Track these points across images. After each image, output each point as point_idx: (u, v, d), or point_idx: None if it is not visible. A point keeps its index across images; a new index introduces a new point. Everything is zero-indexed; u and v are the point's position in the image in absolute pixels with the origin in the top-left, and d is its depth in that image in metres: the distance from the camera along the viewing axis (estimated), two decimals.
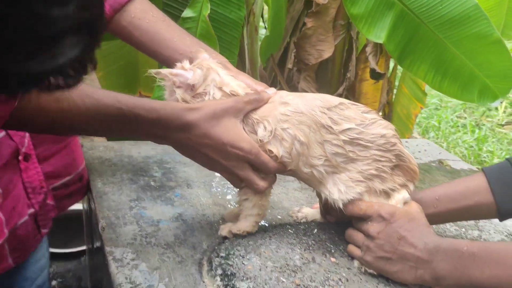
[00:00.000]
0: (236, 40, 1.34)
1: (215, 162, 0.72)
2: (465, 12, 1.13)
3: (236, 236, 0.78)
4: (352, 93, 2.20)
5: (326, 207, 0.81)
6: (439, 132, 4.33)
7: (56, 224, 1.67)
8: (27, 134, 0.79)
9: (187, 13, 1.20)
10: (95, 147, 1.07)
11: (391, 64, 2.21)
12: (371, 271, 0.73)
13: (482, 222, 0.97)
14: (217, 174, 1.01)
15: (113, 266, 0.70)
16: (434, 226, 0.93)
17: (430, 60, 1.19)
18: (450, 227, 0.94)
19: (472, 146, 3.93)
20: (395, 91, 2.24)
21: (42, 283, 0.93)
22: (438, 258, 0.67)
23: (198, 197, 0.94)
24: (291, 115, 0.72)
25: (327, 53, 1.90)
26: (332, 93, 2.13)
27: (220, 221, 0.85)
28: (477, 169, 1.33)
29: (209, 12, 1.16)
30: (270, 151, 0.73)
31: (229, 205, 0.92)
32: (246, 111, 0.73)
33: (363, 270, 0.74)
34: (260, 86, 0.77)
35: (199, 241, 0.79)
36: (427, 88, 2.13)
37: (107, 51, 1.63)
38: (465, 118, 4.52)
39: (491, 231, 0.94)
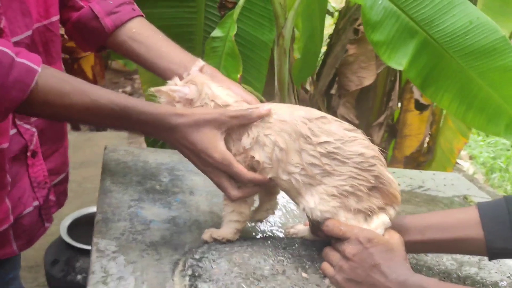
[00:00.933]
0: (265, 61, 1.39)
1: (195, 163, 0.78)
2: (491, 44, 1.09)
3: (216, 241, 0.81)
4: (393, 123, 2.17)
5: (314, 224, 0.82)
6: (506, 174, 4.06)
7: (85, 222, 1.79)
8: (36, 133, 0.88)
9: (216, 32, 1.27)
10: (117, 151, 1.16)
11: None
12: None
13: (486, 261, 0.92)
14: None
15: (94, 256, 0.76)
16: (429, 256, 0.90)
17: (455, 90, 1.16)
18: (447, 261, 0.90)
19: None
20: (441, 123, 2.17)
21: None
22: None
23: (197, 204, 0.98)
24: (274, 123, 0.76)
25: (368, 81, 1.90)
26: (372, 122, 2.11)
27: (212, 227, 0.89)
28: None
29: (235, 32, 1.22)
30: (252, 157, 0.76)
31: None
32: (230, 124, 0.76)
33: None
34: (250, 97, 0.82)
35: (183, 243, 0.83)
36: None
37: None
38: None
39: (492, 271, 0.89)
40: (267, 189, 0.85)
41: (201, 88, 0.80)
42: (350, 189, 0.73)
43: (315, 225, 0.82)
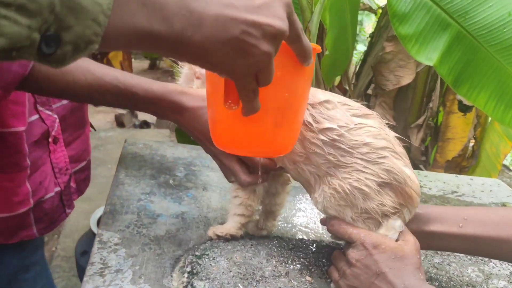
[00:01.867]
0: None
1: (203, 145, 0.77)
2: None
3: (220, 238, 0.79)
4: (437, 125, 2.05)
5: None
6: None
7: None
8: (57, 120, 0.90)
9: None
10: (135, 144, 1.16)
11: None
12: None
13: None
14: None
15: (95, 247, 0.75)
16: (452, 266, 0.83)
17: (492, 88, 1.06)
18: (472, 272, 0.82)
19: None
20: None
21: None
22: None
23: (209, 200, 0.96)
24: None
25: (406, 80, 1.80)
26: (411, 123, 2.01)
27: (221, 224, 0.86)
28: None
29: None
30: None
31: None
32: None
33: None
34: None
35: (188, 239, 0.81)
36: None
37: None
38: None
39: None
40: (272, 195, 0.82)
41: None
42: (356, 184, 0.68)
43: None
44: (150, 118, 4.35)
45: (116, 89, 0.72)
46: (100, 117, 4.52)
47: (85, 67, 0.72)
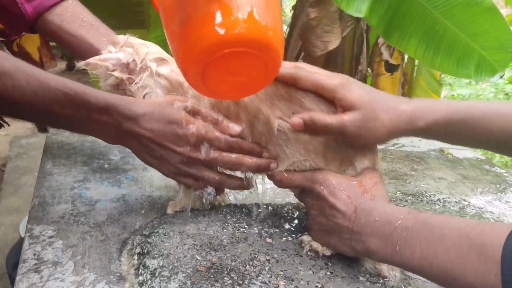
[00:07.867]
0: None
1: (170, 153, 0.68)
2: None
3: (175, 213, 0.73)
4: None
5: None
6: None
7: None
8: None
9: None
10: (61, 133, 1.05)
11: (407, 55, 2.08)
12: (321, 248, 0.65)
13: None
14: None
15: (26, 243, 0.66)
16: None
17: (420, 34, 1.08)
18: None
19: None
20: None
21: None
22: (367, 230, 0.56)
23: (151, 179, 0.88)
24: None
25: (333, 45, 1.81)
26: None
27: (168, 202, 0.80)
28: (483, 157, 1.19)
29: None
30: None
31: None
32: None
33: (306, 249, 0.65)
34: None
35: (133, 221, 0.74)
36: None
37: None
38: None
39: None
40: None
41: (138, 49, 0.72)
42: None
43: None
44: None
45: (64, 96, 0.62)
46: (18, 124, 4.20)
47: (27, 71, 0.61)
